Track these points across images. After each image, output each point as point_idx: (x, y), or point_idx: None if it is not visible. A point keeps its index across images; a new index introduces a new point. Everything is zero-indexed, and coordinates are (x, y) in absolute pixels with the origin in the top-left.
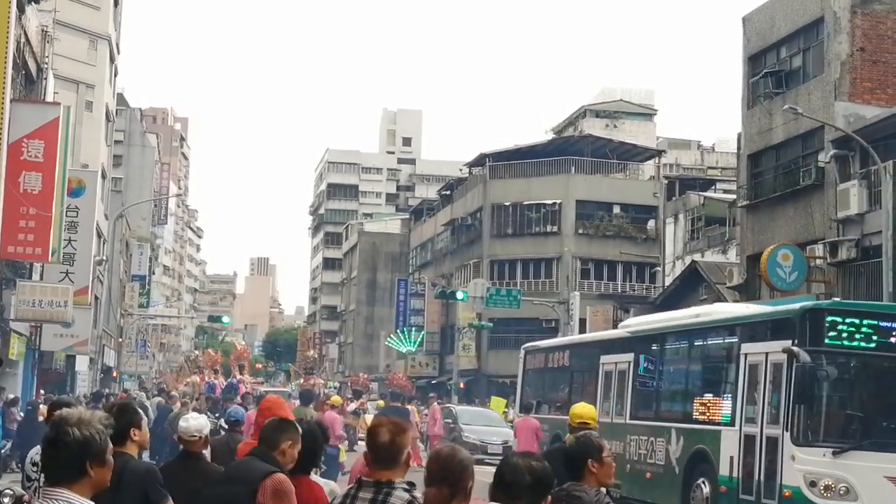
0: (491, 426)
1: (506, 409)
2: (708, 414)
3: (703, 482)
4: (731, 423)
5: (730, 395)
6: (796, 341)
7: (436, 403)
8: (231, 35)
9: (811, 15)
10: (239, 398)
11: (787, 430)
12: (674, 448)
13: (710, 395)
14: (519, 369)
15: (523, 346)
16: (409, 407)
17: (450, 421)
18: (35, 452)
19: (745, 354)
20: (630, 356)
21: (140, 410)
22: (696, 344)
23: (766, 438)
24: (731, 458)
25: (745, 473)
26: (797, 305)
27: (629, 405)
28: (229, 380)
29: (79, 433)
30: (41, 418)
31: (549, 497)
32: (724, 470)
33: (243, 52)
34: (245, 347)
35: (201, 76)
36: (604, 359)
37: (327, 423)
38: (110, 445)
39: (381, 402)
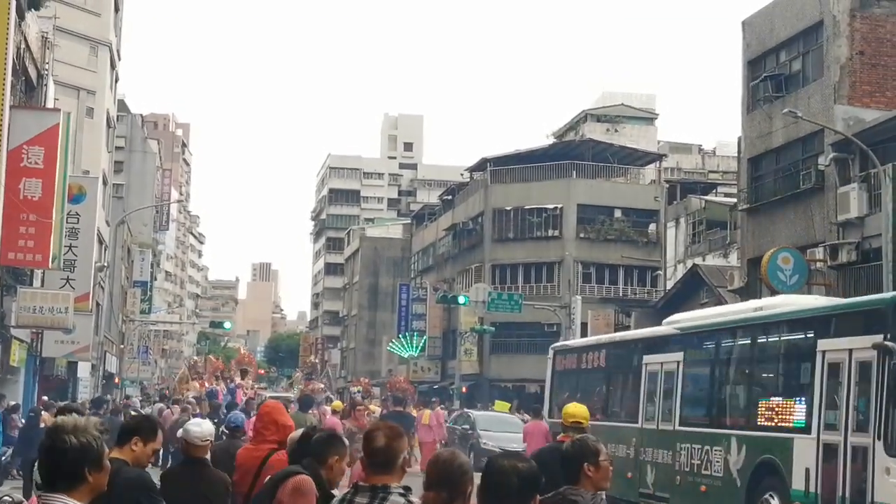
0: (510, 432)
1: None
2: (777, 420)
3: (772, 497)
4: (807, 430)
5: (804, 399)
6: (889, 336)
7: (439, 408)
8: (232, 41)
9: (810, 19)
10: (242, 404)
11: (879, 439)
12: (734, 458)
13: (779, 398)
14: (547, 371)
15: (551, 347)
16: (415, 411)
17: (467, 427)
18: None
19: (824, 352)
20: (679, 355)
21: (158, 431)
22: (760, 340)
23: (851, 448)
24: (807, 469)
25: (825, 488)
26: (888, 295)
27: (678, 410)
28: (230, 385)
29: (75, 440)
30: (43, 424)
31: (538, 497)
32: (797, 483)
33: (245, 58)
34: (248, 353)
35: (203, 82)
36: (647, 359)
37: (329, 428)
38: (106, 450)
39: (374, 407)
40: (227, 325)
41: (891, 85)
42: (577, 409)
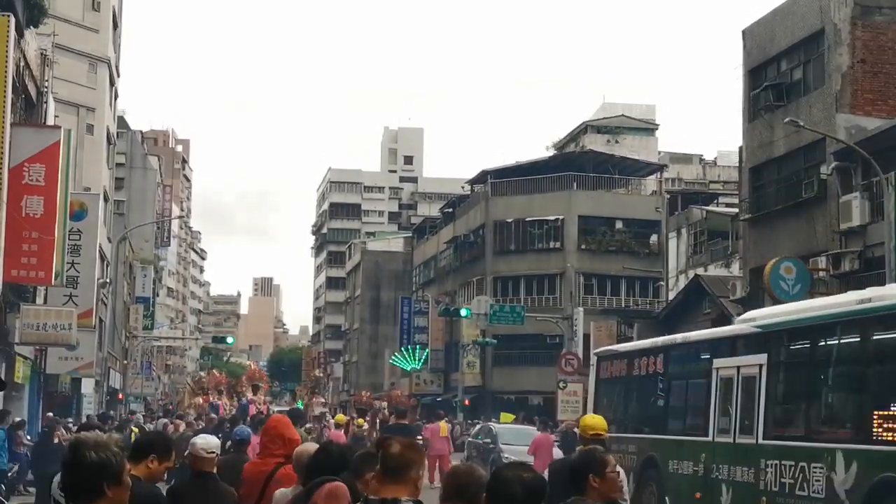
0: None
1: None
2: None
3: None
4: None
5: None
6: None
7: (444, 421)
8: (232, 55)
9: (811, 27)
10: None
11: None
12: (841, 477)
13: None
14: (591, 379)
15: (595, 352)
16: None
17: (489, 440)
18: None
19: None
20: (761, 358)
21: (172, 449)
22: (877, 338)
23: None
24: None
25: None
26: None
27: (762, 421)
28: (242, 401)
29: (95, 456)
30: (57, 440)
31: None
32: None
33: (244, 73)
34: (259, 368)
35: (202, 97)
36: (718, 363)
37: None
38: (126, 466)
39: (342, 417)
40: (229, 340)
41: (892, 93)
42: (595, 421)
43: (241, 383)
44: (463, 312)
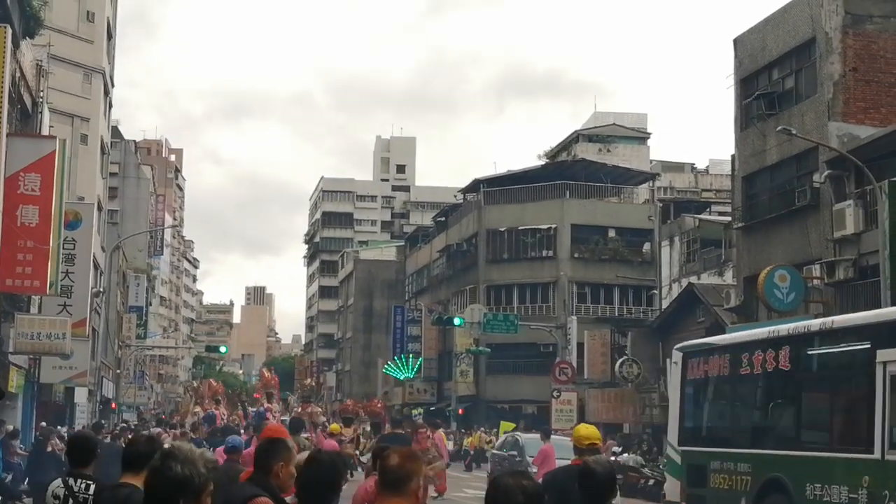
0: (565, 458)
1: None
2: None
3: None
4: None
5: None
6: None
7: (441, 431)
8: (225, 64)
9: (803, 36)
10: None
11: None
12: None
13: None
14: (674, 380)
15: (677, 348)
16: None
17: (514, 453)
18: (56, 486)
19: None
20: None
21: None
22: None
23: None
24: None
25: None
26: None
27: None
28: (257, 409)
29: (180, 470)
30: (50, 449)
31: None
32: None
33: (237, 82)
34: (273, 376)
35: (195, 105)
36: (885, 355)
37: (330, 449)
38: (210, 487)
39: (336, 426)
40: (222, 349)
41: (885, 101)
42: (590, 431)
43: (258, 392)
44: (456, 321)
